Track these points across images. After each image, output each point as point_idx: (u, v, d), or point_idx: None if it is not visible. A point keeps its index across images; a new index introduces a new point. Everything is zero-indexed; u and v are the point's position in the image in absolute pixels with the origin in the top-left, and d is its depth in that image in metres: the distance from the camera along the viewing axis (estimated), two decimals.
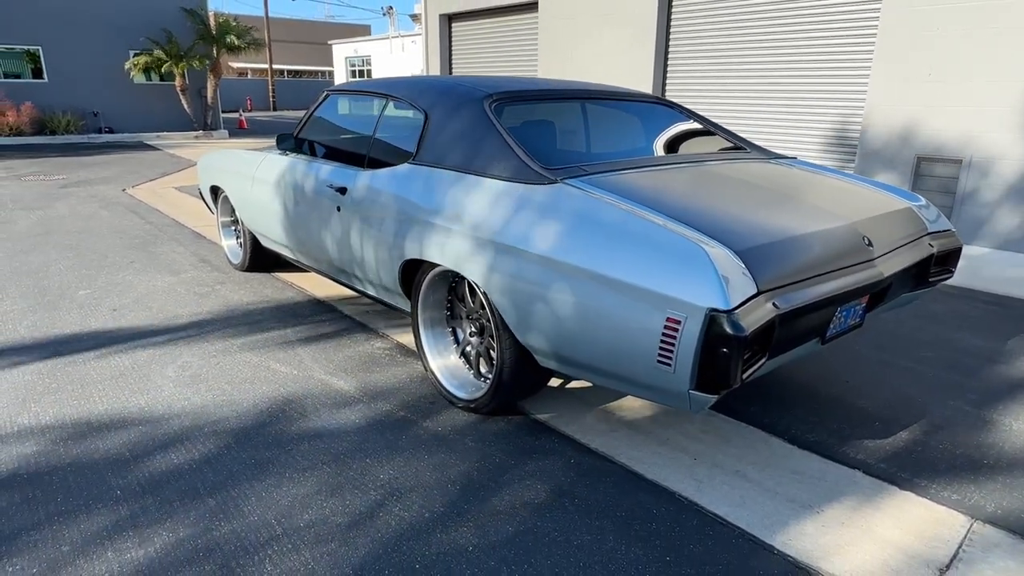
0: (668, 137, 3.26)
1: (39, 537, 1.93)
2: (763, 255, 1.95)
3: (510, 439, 2.50)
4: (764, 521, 2.05)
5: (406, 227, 2.72)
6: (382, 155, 3.07)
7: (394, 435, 2.52)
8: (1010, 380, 3.08)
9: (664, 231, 1.95)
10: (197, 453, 2.38)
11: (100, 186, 8.55)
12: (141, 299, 4.06)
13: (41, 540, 1.92)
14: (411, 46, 29.25)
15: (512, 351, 2.40)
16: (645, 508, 2.10)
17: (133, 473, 2.25)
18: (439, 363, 2.80)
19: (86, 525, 1.98)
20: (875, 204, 2.64)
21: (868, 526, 2.03)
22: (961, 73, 5.55)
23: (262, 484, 2.20)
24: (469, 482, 2.23)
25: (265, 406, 2.73)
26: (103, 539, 1.92)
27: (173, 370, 3.06)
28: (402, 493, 2.16)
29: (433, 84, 3.03)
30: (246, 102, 34.88)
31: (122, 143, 14.60)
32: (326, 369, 3.09)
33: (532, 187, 2.31)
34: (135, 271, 4.67)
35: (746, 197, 2.43)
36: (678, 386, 1.85)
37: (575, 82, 3.49)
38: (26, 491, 2.14)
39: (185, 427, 2.55)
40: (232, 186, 4.28)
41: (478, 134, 2.60)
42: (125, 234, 5.82)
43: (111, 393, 2.82)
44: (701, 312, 1.75)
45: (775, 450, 2.45)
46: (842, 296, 2.09)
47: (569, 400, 2.81)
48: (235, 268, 4.73)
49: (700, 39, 7.81)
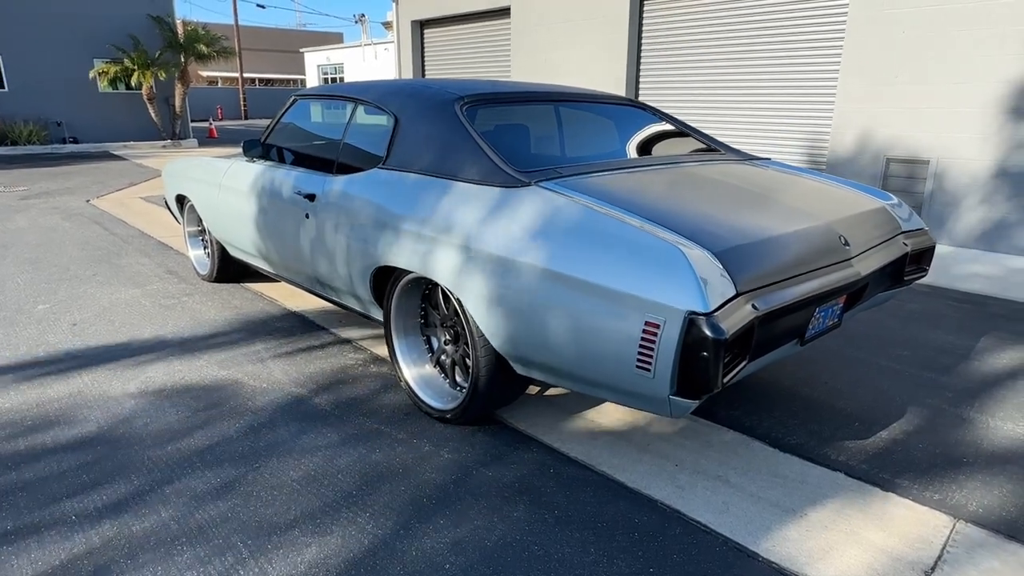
0: (642, 139, 3.23)
1: None
2: (741, 256, 1.92)
3: (487, 450, 2.42)
4: (748, 527, 2.00)
5: (376, 233, 2.65)
6: (352, 160, 2.99)
7: (367, 448, 2.43)
8: (984, 377, 3.09)
9: (640, 233, 1.91)
10: (159, 474, 2.26)
11: (63, 197, 8.31)
12: (103, 313, 3.92)
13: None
14: (384, 53, 29.10)
15: (488, 359, 2.33)
16: (627, 518, 2.04)
17: (91, 497, 2.13)
18: (413, 373, 2.72)
19: (38, 555, 1.87)
20: (850, 203, 2.63)
21: (852, 529, 2.00)
22: (927, 77, 5.64)
23: (227, 504, 2.10)
24: (446, 496, 2.15)
25: (232, 422, 2.62)
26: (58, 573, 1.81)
27: (135, 386, 2.94)
28: (376, 509, 2.08)
29: (403, 87, 2.96)
30: (216, 111, 34.38)
31: (87, 153, 14.24)
32: (297, 382, 2.99)
33: (505, 190, 2.25)
34: (97, 284, 4.51)
35: (722, 198, 2.40)
36: (658, 392, 1.80)
37: (548, 85, 3.45)
38: None
39: (147, 446, 2.44)
40: (198, 195, 4.15)
41: (449, 137, 2.54)
42: (88, 246, 5.63)
43: (68, 411, 2.69)
44: (680, 315, 1.70)
45: (756, 453, 2.41)
46: (821, 296, 2.07)
47: (547, 408, 2.74)
48: (203, 279, 4.59)
49: (672, 44, 7.84)
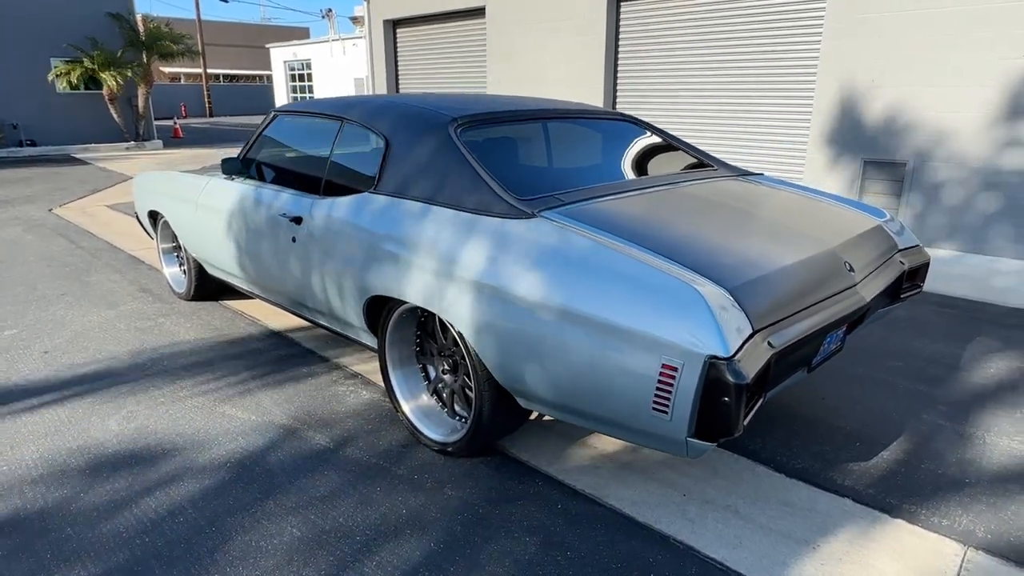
0: (636, 156, 3.18)
1: None
2: (755, 290, 1.88)
3: (491, 484, 2.36)
4: (763, 562, 1.98)
5: (370, 261, 2.56)
6: (339, 180, 2.89)
7: (367, 487, 2.35)
8: (975, 388, 3.13)
9: (652, 270, 1.86)
10: (148, 521, 2.15)
11: (24, 206, 7.98)
12: (76, 338, 3.75)
13: None
14: (352, 49, 28.63)
15: (492, 393, 2.26)
16: (641, 557, 2.00)
17: (73, 549, 2.01)
18: (411, 405, 2.64)
19: None
20: (848, 224, 2.62)
21: (866, 561, 1.99)
22: (905, 80, 5.71)
23: (224, 556, 2.00)
24: (452, 538, 2.09)
25: (223, 461, 2.51)
26: None
27: (116, 422, 2.80)
28: (383, 558, 2.00)
29: (392, 106, 2.86)
30: (180, 109, 33.53)
31: (47, 157, 13.73)
32: (287, 413, 2.89)
33: (508, 221, 2.18)
34: (67, 304, 4.32)
35: (726, 223, 2.36)
36: (676, 434, 1.76)
37: (539, 100, 3.38)
38: None
39: (134, 491, 2.32)
40: (174, 212, 3.99)
41: (445, 162, 2.46)
42: (54, 261, 5.40)
43: (46, 452, 2.55)
44: (700, 359, 1.66)
45: (762, 480, 2.39)
46: (830, 326, 2.05)
47: (547, 435, 2.69)
48: (179, 297, 4.43)
49: (649, 44, 7.83)
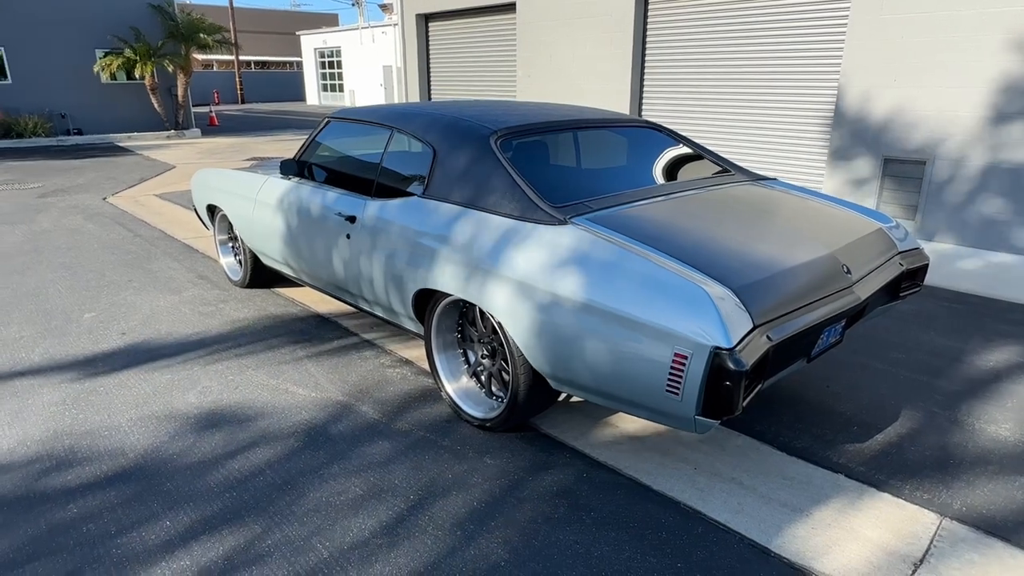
0: (658, 162, 3.47)
1: None
2: (757, 291, 2.18)
3: (526, 455, 2.70)
4: (760, 526, 2.29)
5: (418, 258, 2.89)
6: (390, 184, 3.23)
7: (418, 455, 2.71)
8: (972, 380, 3.38)
9: (667, 272, 2.16)
10: (233, 479, 2.53)
11: (79, 195, 8.49)
12: (148, 321, 4.16)
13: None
14: (382, 37, 28.97)
15: (526, 376, 2.60)
16: (655, 518, 2.33)
17: (176, 500, 2.40)
18: (454, 386, 2.99)
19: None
20: (851, 229, 2.88)
21: (852, 527, 2.29)
22: (923, 81, 5.86)
23: (301, 508, 2.37)
24: (492, 499, 2.43)
25: (291, 430, 2.89)
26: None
27: (194, 396, 3.20)
28: (434, 513, 2.36)
29: (438, 118, 3.18)
30: (213, 96, 34.23)
31: (93, 145, 14.35)
32: (342, 390, 3.26)
33: (543, 227, 2.50)
34: (135, 290, 4.75)
35: (737, 227, 2.65)
36: (685, 412, 2.08)
37: (569, 108, 3.67)
38: (80, 531, 2.29)
39: (217, 455, 2.70)
40: (232, 207, 4.38)
41: (486, 172, 2.78)
42: (117, 249, 5.86)
43: (139, 421, 2.95)
44: (706, 350, 1.97)
45: (766, 457, 2.70)
46: (826, 322, 2.33)
47: (573, 414, 3.02)
48: (235, 285, 4.83)
49: (676, 40, 8.02)
